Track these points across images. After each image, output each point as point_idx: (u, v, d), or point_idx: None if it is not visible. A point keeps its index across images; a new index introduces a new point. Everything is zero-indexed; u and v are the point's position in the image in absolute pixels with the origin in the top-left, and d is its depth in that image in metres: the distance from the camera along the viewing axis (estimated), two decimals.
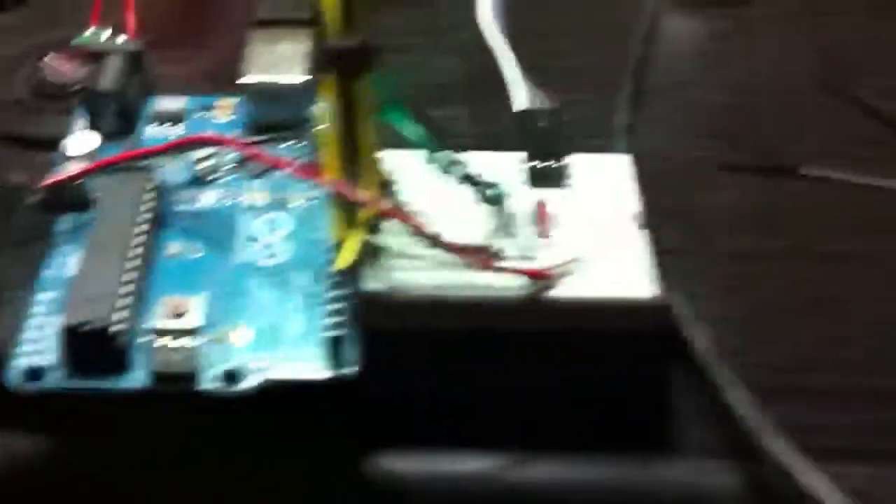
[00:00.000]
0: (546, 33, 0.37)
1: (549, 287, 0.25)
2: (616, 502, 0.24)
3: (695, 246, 0.30)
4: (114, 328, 0.23)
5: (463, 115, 0.34)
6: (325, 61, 0.23)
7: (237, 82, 0.29)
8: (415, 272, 0.25)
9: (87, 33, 0.36)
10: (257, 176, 0.28)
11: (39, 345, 0.24)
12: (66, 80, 0.35)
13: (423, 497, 0.25)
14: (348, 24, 0.23)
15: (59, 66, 0.35)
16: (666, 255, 0.28)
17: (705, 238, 0.30)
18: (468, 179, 0.25)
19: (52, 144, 0.33)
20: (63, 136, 0.31)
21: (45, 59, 0.36)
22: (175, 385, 0.23)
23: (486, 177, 0.26)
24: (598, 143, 0.31)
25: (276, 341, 0.24)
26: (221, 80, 0.34)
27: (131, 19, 0.36)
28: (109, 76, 0.29)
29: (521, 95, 0.29)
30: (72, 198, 0.27)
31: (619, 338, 0.25)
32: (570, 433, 0.25)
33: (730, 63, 0.36)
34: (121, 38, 0.31)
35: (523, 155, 0.28)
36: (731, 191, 0.31)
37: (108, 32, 0.35)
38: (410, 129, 0.25)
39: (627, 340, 0.25)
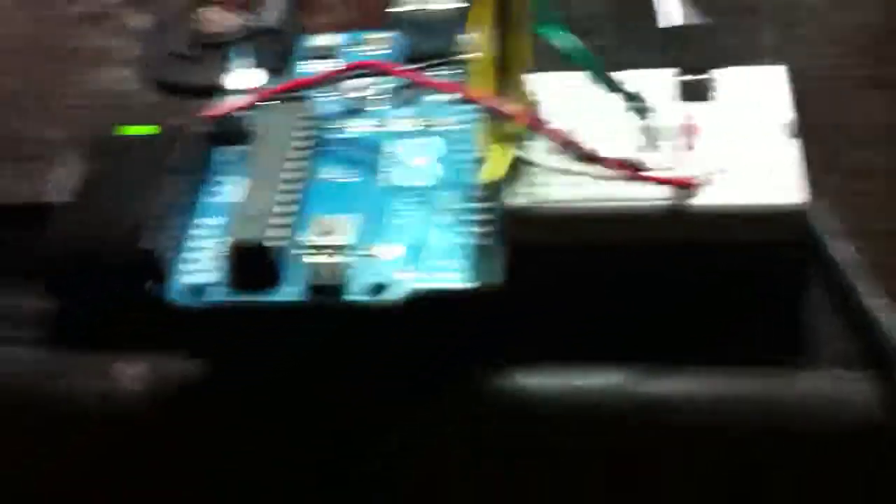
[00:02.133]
0: None
1: (694, 196, 0.24)
2: (750, 413, 0.24)
3: (835, 162, 0.29)
4: (270, 244, 0.24)
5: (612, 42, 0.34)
6: None
7: (388, 10, 0.29)
8: (559, 186, 0.25)
9: None
10: (406, 104, 0.28)
11: (199, 265, 0.25)
12: (220, 31, 0.36)
13: (554, 410, 0.25)
14: None
15: (213, 18, 0.37)
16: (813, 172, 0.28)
17: (845, 154, 0.29)
18: (619, 93, 0.25)
19: (208, 92, 0.34)
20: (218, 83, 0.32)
21: (205, 11, 0.37)
22: (326, 297, 0.24)
23: (637, 92, 0.26)
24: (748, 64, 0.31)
25: (422, 256, 0.24)
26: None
27: None
28: (272, 15, 0.30)
29: (668, 10, 0.28)
30: (233, 131, 0.28)
31: (763, 246, 0.24)
32: (708, 345, 0.25)
33: None
34: None
35: (673, 71, 0.27)
36: (881, 108, 0.30)
37: None
38: (567, 43, 0.25)
39: (771, 249, 0.24)
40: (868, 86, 0.31)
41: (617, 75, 0.26)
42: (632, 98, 0.25)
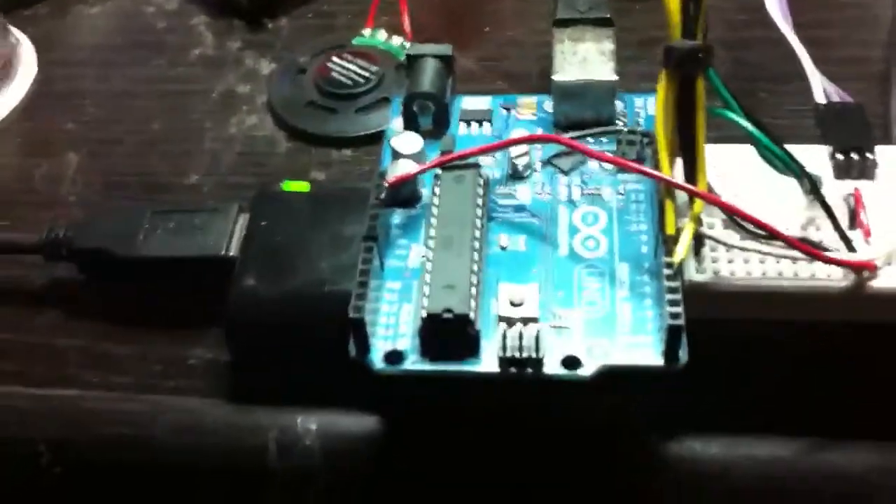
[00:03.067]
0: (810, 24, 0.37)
1: (870, 278, 0.26)
2: None
3: None
4: (471, 315, 0.25)
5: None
6: (669, 62, 0.25)
7: (552, 78, 0.30)
8: (739, 262, 0.26)
9: (365, 35, 0.38)
10: (569, 171, 0.29)
11: (393, 331, 0.26)
12: (353, 79, 0.37)
13: (722, 480, 0.26)
14: (691, 25, 0.24)
15: (347, 66, 0.38)
16: None
17: None
18: (795, 171, 0.26)
19: (343, 143, 0.35)
20: (352, 133, 0.35)
21: (332, 60, 0.38)
22: (521, 370, 0.25)
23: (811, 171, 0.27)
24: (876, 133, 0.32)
25: (608, 330, 0.25)
26: (490, 75, 0.36)
27: (406, 21, 0.39)
28: (428, 78, 0.30)
29: (819, 89, 0.29)
30: (405, 194, 0.29)
31: None
32: (882, 423, 0.26)
33: None
34: (394, 40, 0.36)
35: (828, 148, 0.28)
36: None
37: (383, 33, 0.38)
38: (746, 124, 0.26)
39: None
40: None
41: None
42: (806, 176, 0.26)
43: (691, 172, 0.26)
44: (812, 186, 0.26)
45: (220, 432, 0.28)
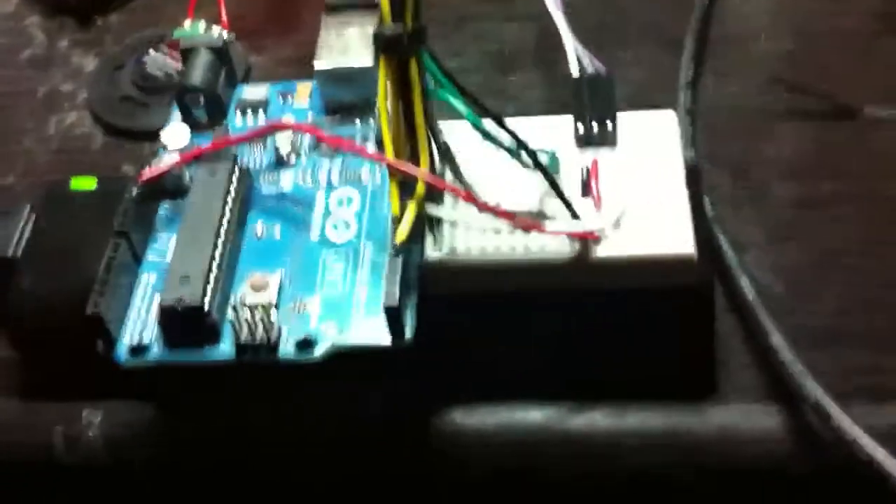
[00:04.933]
0: None
1: (595, 246, 0.26)
2: (664, 445, 0.26)
3: (754, 194, 0.31)
4: (204, 305, 0.26)
5: (533, 80, 0.36)
6: (378, 47, 0.25)
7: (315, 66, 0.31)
8: (469, 239, 0.27)
9: (185, 27, 0.39)
10: (332, 156, 0.30)
11: (143, 323, 0.27)
12: (169, 73, 0.38)
13: (486, 447, 0.27)
14: (398, 9, 0.25)
15: (161, 60, 0.38)
16: (723, 205, 0.30)
17: (765, 186, 0.31)
18: (519, 146, 0.27)
19: (155, 136, 0.36)
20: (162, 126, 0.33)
21: (149, 54, 0.39)
22: (257, 355, 0.26)
23: (537, 141, 0.28)
24: (666, 97, 0.32)
25: (343, 311, 0.26)
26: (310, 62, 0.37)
27: (223, 12, 0.39)
28: (197, 71, 0.31)
29: (574, 60, 0.30)
30: (170, 187, 0.29)
31: (661, 292, 0.26)
32: (621, 383, 0.27)
33: (791, 10, 0.36)
34: (214, 31, 0.34)
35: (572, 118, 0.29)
36: (793, 138, 0.32)
37: (202, 25, 0.38)
38: (457, 104, 0.26)
39: (669, 294, 0.26)
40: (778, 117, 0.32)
41: (518, 122, 0.28)
42: (525, 149, 0.27)
43: (413, 153, 0.26)
44: (533, 159, 0.27)
45: (9, 430, 0.29)
